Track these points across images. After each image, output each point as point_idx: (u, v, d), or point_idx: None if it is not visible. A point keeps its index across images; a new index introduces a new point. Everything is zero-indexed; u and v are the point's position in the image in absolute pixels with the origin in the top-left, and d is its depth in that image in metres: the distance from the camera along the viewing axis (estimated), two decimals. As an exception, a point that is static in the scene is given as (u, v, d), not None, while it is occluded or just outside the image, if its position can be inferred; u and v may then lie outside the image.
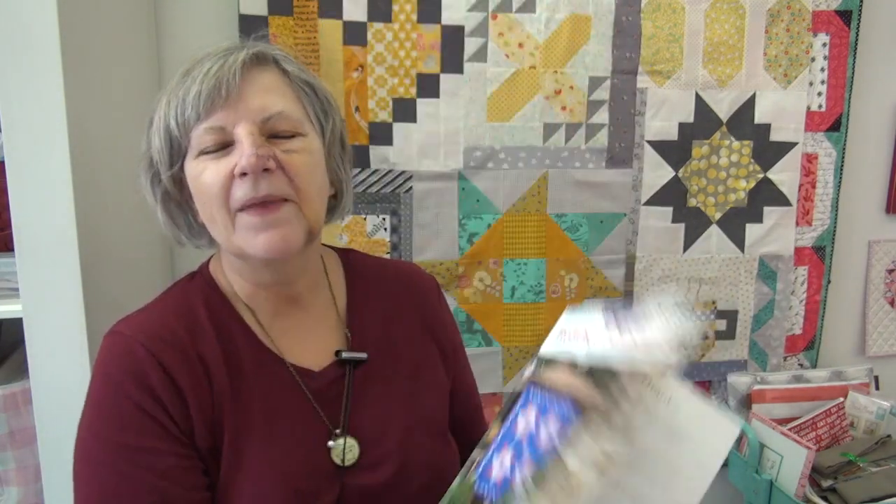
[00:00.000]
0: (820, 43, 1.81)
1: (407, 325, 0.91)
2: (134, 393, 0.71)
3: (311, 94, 0.80)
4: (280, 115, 0.74)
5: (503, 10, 1.64)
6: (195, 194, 0.76)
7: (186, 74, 0.74)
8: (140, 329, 0.75)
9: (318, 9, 1.56)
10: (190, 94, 0.72)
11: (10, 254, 1.09)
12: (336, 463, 0.78)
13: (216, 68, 0.72)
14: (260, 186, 0.71)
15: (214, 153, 0.73)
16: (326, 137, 0.81)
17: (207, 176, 0.72)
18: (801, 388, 1.82)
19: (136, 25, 1.47)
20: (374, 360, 0.85)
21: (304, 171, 0.74)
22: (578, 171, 1.74)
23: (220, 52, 0.75)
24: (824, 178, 1.88)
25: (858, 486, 1.58)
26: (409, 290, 0.95)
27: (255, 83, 0.74)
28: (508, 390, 1.81)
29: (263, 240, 0.72)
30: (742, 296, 1.88)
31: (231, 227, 0.73)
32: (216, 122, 0.72)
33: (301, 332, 0.83)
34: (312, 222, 0.76)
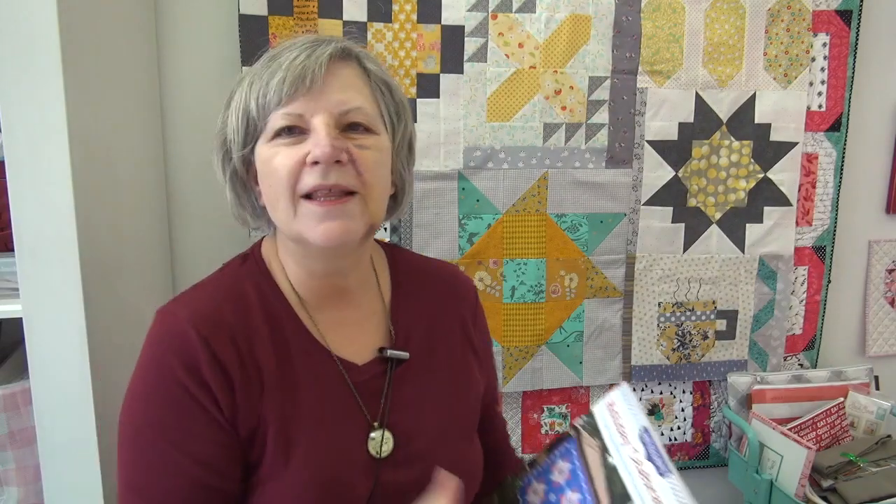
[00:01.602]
0: (820, 43, 1.81)
1: (448, 327, 0.94)
2: (182, 376, 0.72)
3: (388, 95, 0.82)
4: (358, 110, 0.76)
5: (503, 10, 1.64)
6: (263, 176, 0.77)
7: (273, 59, 0.76)
8: (192, 310, 0.76)
9: (318, 9, 1.56)
10: (274, 78, 0.74)
11: (10, 254, 1.09)
12: (372, 455, 0.80)
13: (303, 57, 0.74)
14: (330, 176, 0.73)
15: (289, 139, 0.74)
16: (397, 139, 0.83)
17: (279, 160, 0.74)
18: (801, 388, 1.82)
19: (136, 25, 1.47)
20: (414, 358, 0.87)
21: (372, 168, 0.76)
22: (578, 171, 1.74)
23: (309, 42, 0.77)
24: (824, 178, 1.88)
25: (858, 486, 1.58)
26: (451, 291, 0.97)
27: (338, 77, 0.76)
28: (508, 391, 1.81)
29: (324, 228, 0.74)
30: (742, 296, 1.88)
31: (293, 212, 0.74)
32: (295, 109, 0.74)
33: (347, 325, 0.85)
34: (374, 218, 0.79)
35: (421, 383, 0.87)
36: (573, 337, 1.81)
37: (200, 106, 1.60)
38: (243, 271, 0.84)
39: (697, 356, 1.88)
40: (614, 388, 0.83)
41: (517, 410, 1.87)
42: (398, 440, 0.82)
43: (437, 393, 0.88)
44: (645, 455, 0.78)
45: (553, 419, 1.89)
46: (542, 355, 1.80)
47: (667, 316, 1.85)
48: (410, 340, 0.88)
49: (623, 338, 1.85)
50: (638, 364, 1.86)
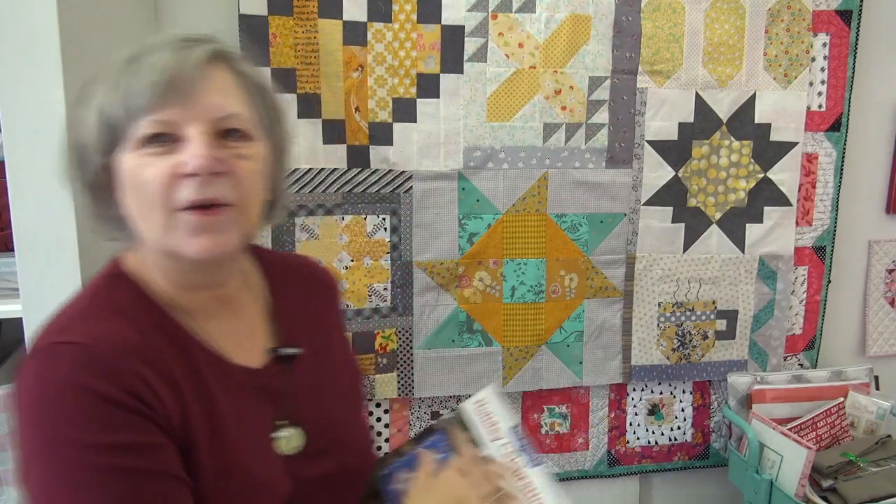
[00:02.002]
0: (820, 43, 1.81)
1: (323, 317, 0.94)
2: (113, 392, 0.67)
3: (263, 100, 0.78)
4: (235, 116, 0.72)
5: (503, 10, 1.64)
6: (129, 187, 0.71)
7: (135, 59, 0.70)
8: (93, 335, 0.70)
9: (318, 9, 1.56)
10: (140, 81, 0.68)
11: (10, 254, 1.09)
12: (284, 453, 0.79)
13: (172, 60, 0.69)
14: (207, 189, 0.69)
15: (158, 147, 0.69)
16: (274, 145, 0.80)
17: (149, 172, 0.69)
18: (801, 388, 1.82)
19: (137, 25, 1.47)
20: (304, 353, 0.86)
21: (250, 178, 0.73)
22: (578, 171, 1.74)
23: (177, 41, 0.72)
24: (824, 178, 1.88)
25: (858, 486, 1.58)
26: (319, 282, 0.98)
27: (212, 81, 0.72)
28: (509, 391, 1.81)
29: (199, 242, 0.70)
30: (742, 296, 1.88)
31: (167, 225, 0.70)
32: (166, 116, 0.69)
33: (237, 332, 0.82)
34: (249, 228, 0.76)
35: (317, 375, 0.87)
36: (573, 337, 1.81)
37: (200, 106, 1.60)
38: (118, 291, 0.77)
39: (697, 356, 1.88)
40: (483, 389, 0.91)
41: (517, 410, 1.86)
42: (309, 434, 0.82)
43: (333, 381, 0.90)
44: (516, 448, 0.88)
45: (553, 419, 1.89)
46: (542, 355, 1.80)
47: (667, 316, 1.85)
48: (297, 336, 0.88)
49: (623, 338, 1.85)
50: (638, 364, 1.86)
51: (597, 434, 1.91)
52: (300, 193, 1.63)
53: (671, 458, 1.97)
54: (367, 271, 1.69)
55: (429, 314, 1.73)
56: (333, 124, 1.62)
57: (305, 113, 1.60)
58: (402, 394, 1.75)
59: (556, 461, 1.91)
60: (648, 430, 1.94)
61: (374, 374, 1.72)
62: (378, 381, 1.73)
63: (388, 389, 1.74)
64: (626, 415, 1.93)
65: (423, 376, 1.75)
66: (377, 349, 1.72)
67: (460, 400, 1.82)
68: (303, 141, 1.61)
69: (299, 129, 1.60)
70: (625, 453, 1.95)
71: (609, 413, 1.91)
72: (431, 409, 1.82)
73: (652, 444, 1.95)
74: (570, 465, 1.91)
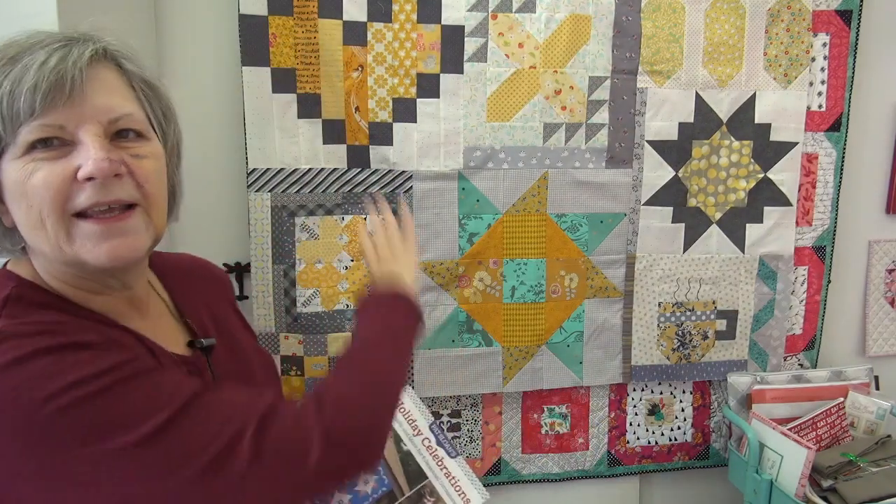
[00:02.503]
0: (820, 43, 1.81)
1: (224, 310, 0.97)
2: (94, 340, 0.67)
3: (153, 97, 0.77)
4: (129, 117, 0.71)
5: (503, 10, 1.64)
6: (16, 196, 0.67)
7: (14, 61, 0.66)
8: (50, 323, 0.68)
9: (318, 9, 1.56)
10: (22, 85, 0.64)
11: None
12: None
13: (56, 61, 0.66)
14: (107, 192, 0.67)
15: (47, 152, 0.66)
16: (169, 142, 0.79)
17: (40, 178, 0.66)
18: (801, 388, 1.82)
19: (136, 25, 1.47)
20: (217, 342, 0.89)
21: (152, 177, 0.72)
22: (578, 171, 1.74)
23: (57, 41, 0.69)
24: (824, 178, 1.88)
25: (858, 486, 1.58)
26: (212, 279, 1.01)
27: (99, 81, 0.69)
28: (508, 391, 1.81)
29: (108, 248, 0.69)
30: (742, 296, 1.88)
31: (64, 234, 0.67)
32: (55, 119, 0.66)
33: (152, 330, 0.81)
34: (159, 228, 0.75)
35: (234, 362, 0.90)
36: (573, 337, 1.81)
37: (200, 105, 1.60)
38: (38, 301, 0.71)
39: (697, 356, 1.88)
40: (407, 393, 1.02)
41: (517, 410, 1.87)
42: None
43: (250, 366, 0.93)
44: (436, 442, 0.99)
45: (553, 419, 1.89)
46: (542, 355, 1.80)
47: (667, 316, 1.85)
48: (204, 328, 0.90)
49: (623, 338, 1.85)
50: (638, 364, 1.86)
51: (597, 434, 1.91)
52: (300, 193, 1.63)
53: (671, 458, 1.97)
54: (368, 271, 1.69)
55: (429, 314, 1.73)
56: (333, 124, 1.62)
57: (305, 113, 1.60)
58: (402, 394, 1.75)
59: (556, 461, 1.91)
60: (648, 430, 1.94)
61: (374, 374, 1.72)
62: (378, 381, 1.73)
63: (388, 389, 1.74)
64: (626, 415, 1.93)
65: (423, 376, 1.75)
66: (377, 349, 1.71)
67: (460, 400, 1.82)
68: (303, 141, 1.61)
69: (299, 129, 1.60)
70: (625, 453, 1.95)
71: (609, 413, 1.91)
72: (431, 409, 1.82)
73: (652, 444, 1.95)
74: (570, 465, 1.91)
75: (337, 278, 1.68)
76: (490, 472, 1.88)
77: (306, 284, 1.66)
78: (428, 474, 0.94)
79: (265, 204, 1.62)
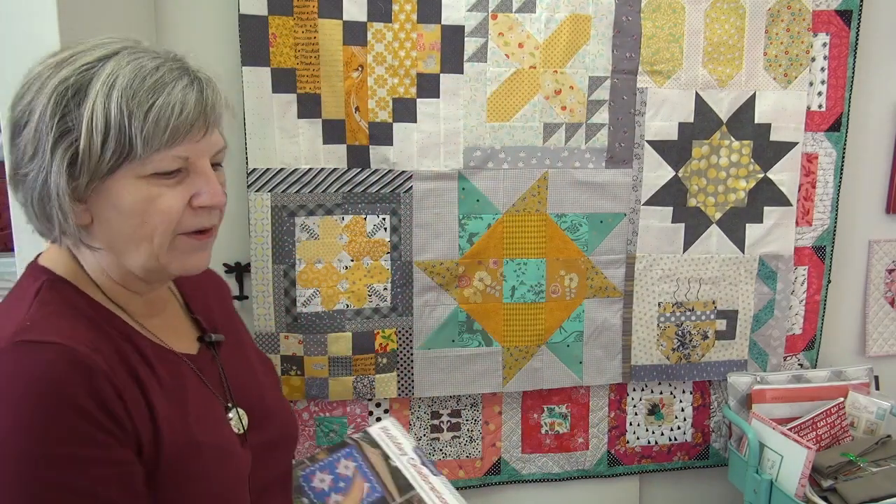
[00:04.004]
0: (820, 43, 1.81)
1: (226, 312, 1.03)
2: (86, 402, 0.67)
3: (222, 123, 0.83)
4: (223, 151, 0.81)
5: (503, 10, 1.64)
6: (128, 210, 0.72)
7: (156, 86, 0.70)
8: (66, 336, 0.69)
9: (318, 9, 1.56)
10: (171, 111, 0.71)
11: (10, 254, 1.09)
12: (237, 431, 0.87)
13: (194, 98, 0.73)
14: (213, 217, 0.79)
15: (171, 179, 0.74)
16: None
17: (165, 201, 0.74)
18: (801, 388, 1.82)
19: (137, 25, 1.47)
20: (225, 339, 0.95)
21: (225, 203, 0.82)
22: (578, 171, 1.74)
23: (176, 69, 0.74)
24: (824, 178, 1.88)
25: (858, 486, 1.58)
26: (213, 283, 1.05)
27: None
28: (508, 390, 1.81)
29: (196, 259, 0.80)
30: (742, 296, 1.88)
31: (168, 247, 0.76)
32: (185, 152, 0.74)
33: (169, 326, 0.88)
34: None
35: (238, 357, 0.96)
36: (573, 337, 1.81)
37: (200, 106, 1.60)
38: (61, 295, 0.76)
39: (697, 356, 1.88)
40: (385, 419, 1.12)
41: (517, 410, 1.87)
42: (249, 410, 0.90)
43: (251, 362, 0.99)
44: (420, 462, 1.07)
45: (553, 419, 1.89)
46: (542, 355, 1.80)
47: (667, 316, 1.85)
48: (213, 324, 0.95)
49: (623, 338, 1.85)
50: (638, 364, 1.86)
51: (597, 434, 1.91)
52: (300, 193, 1.63)
53: (671, 458, 1.97)
54: (367, 271, 1.69)
55: (429, 314, 1.73)
56: (333, 124, 1.62)
57: (305, 113, 1.60)
58: (402, 394, 1.75)
59: (556, 461, 1.91)
60: (648, 429, 1.94)
61: (374, 374, 1.72)
62: (378, 381, 1.73)
63: (388, 389, 1.74)
64: (625, 415, 1.93)
65: (423, 376, 1.75)
66: (377, 349, 1.72)
67: (460, 400, 1.82)
68: (303, 141, 1.61)
69: (299, 129, 1.60)
70: (625, 453, 1.95)
71: (609, 413, 1.91)
72: (431, 409, 1.82)
73: (652, 444, 1.95)
74: (570, 465, 1.92)
75: (337, 278, 1.68)
76: (490, 471, 1.88)
77: (306, 284, 1.66)
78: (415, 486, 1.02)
79: (265, 204, 1.62)
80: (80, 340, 0.70)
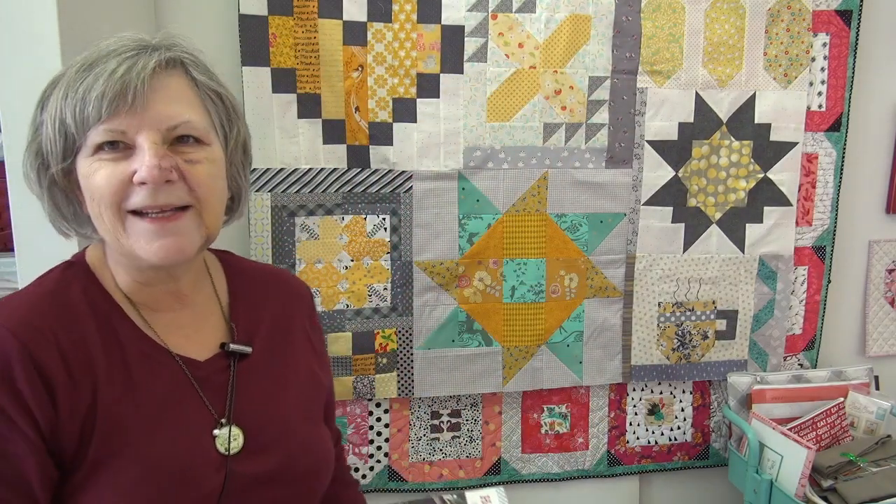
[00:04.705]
0: (820, 43, 1.81)
1: (288, 326, 0.96)
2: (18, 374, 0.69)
3: (219, 103, 0.81)
4: (186, 124, 0.75)
5: (503, 10, 1.64)
6: (85, 190, 0.75)
7: (88, 68, 0.72)
8: (8, 315, 0.72)
9: (318, 9, 1.56)
10: (92, 92, 0.71)
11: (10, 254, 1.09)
12: (220, 451, 0.79)
13: (123, 70, 0.71)
14: (159, 196, 0.73)
15: (111, 154, 0.72)
16: (230, 146, 0.83)
17: (101, 177, 0.72)
18: (801, 388, 1.82)
19: (136, 25, 1.46)
20: (258, 354, 0.88)
21: (205, 182, 0.76)
22: (578, 171, 1.74)
23: (129, 49, 0.74)
24: (824, 178, 1.88)
25: (858, 486, 1.58)
26: (289, 293, 1.00)
27: (163, 90, 0.74)
28: (508, 390, 1.81)
29: (159, 247, 0.74)
30: (742, 296, 1.88)
31: (121, 228, 0.74)
32: (117, 125, 0.71)
33: (184, 326, 0.84)
34: (211, 229, 0.79)
35: (268, 377, 0.88)
36: (573, 337, 1.81)
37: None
38: (68, 277, 0.80)
39: (697, 356, 1.88)
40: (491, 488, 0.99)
41: (517, 410, 1.87)
42: (249, 433, 0.82)
43: (285, 384, 0.90)
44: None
45: (553, 419, 1.89)
46: (542, 355, 1.80)
47: (667, 316, 1.85)
48: (254, 337, 0.89)
49: (623, 338, 1.85)
50: (638, 364, 1.86)
51: (597, 434, 1.91)
52: (300, 193, 1.63)
53: (671, 457, 1.97)
54: (367, 271, 1.69)
55: (429, 314, 1.73)
56: (333, 124, 1.62)
57: (305, 113, 1.60)
58: (402, 394, 1.75)
59: (555, 461, 1.91)
60: (648, 429, 1.94)
61: (374, 374, 1.72)
62: (378, 381, 1.73)
63: (388, 389, 1.74)
64: (625, 415, 1.93)
65: (423, 376, 1.75)
66: (377, 349, 1.72)
67: (460, 400, 1.82)
68: (303, 141, 1.61)
69: (299, 129, 1.60)
70: (625, 453, 1.95)
71: (609, 413, 1.91)
72: (431, 409, 1.82)
73: (652, 444, 1.95)
74: (570, 465, 1.92)
75: (337, 278, 1.68)
76: (490, 471, 1.88)
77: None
78: None
79: (265, 204, 1.62)
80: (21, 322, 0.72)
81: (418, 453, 1.83)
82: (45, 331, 0.73)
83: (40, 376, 0.70)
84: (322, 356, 1.01)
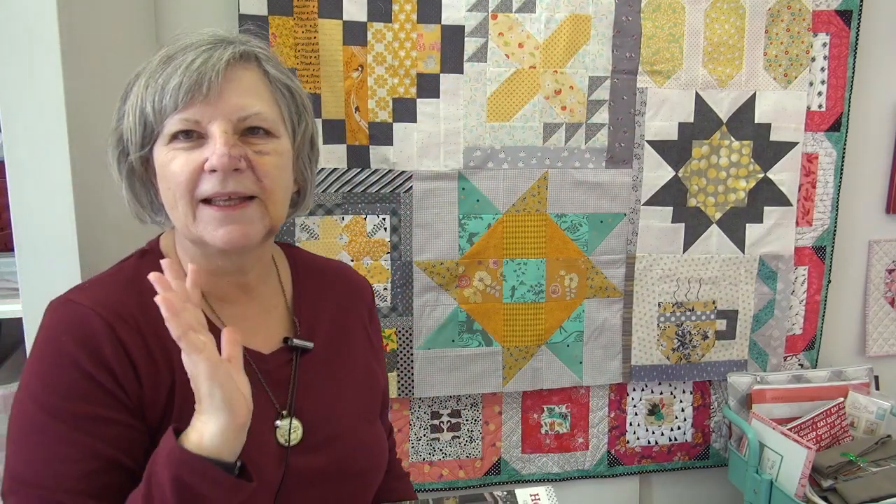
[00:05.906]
0: (820, 43, 1.81)
1: (349, 322, 0.97)
2: (86, 362, 0.72)
3: (289, 97, 0.83)
4: (257, 115, 0.77)
5: (503, 10, 1.64)
6: (161, 178, 0.78)
7: (168, 61, 0.76)
8: (94, 299, 0.76)
9: (318, 9, 1.56)
10: (170, 83, 0.74)
11: (10, 254, 1.09)
12: (281, 443, 0.81)
13: (200, 62, 0.74)
14: (228, 183, 0.75)
15: (186, 143, 0.75)
16: (297, 139, 0.84)
17: (176, 165, 0.75)
18: (801, 388, 1.82)
19: (136, 25, 1.47)
20: (319, 349, 0.90)
21: (272, 173, 0.78)
22: (578, 171, 1.74)
23: (206, 43, 0.77)
24: (824, 178, 1.88)
25: (858, 486, 1.58)
26: (350, 289, 1.01)
27: (236, 81, 0.77)
28: (508, 390, 1.81)
29: (224, 233, 0.76)
30: (742, 296, 1.88)
31: (192, 215, 0.76)
32: (192, 115, 0.74)
33: (250, 318, 0.86)
34: (275, 220, 0.81)
35: (327, 372, 0.90)
36: (573, 337, 1.81)
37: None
38: (144, 264, 0.82)
39: (697, 356, 1.88)
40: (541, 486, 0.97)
41: (517, 410, 1.87)
42: (308, 427, 0.84)
43: (343, 381, 0.91)
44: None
45: (553, 419, 1.89)
46: (542, 355, 1.80)
47: (667, 316, 1.85)
48: (315, 332, 0.91)
49: (623, 338, 1.85)
50: (638, 364, 1.86)
51: (597, 434, 1.91)
52: (300, 193, 1.63)
53: (671, 458, 1.97)
54: (367, 271, 1.69)
55: (429, 314, 1.73)
56: (333, 124, 1.62)
57: (305, 113, 1.60)
58: (402, 394, 1.75)
59: (555, 461, 1.91)
60: (648, 430, 1.94)
61: (374, 374, 1.72)
62: (378, 381, 1.73)
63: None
64: (626, 415, 1.93)
65: (423, 376, 1.75)
66: (377, 349, 1.72)
67: (460, 400, 1.82)
68: (303, 141, 1.61)
69: (299, 129, 1.60)
70: (625, 453, 1.95)
71: (609, 413, 1.91)
72: (431, 409, 1.82)
73: (652, 444, 1.95)
74: (570, 465, 1.91)
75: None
76: (490, 471, 1.88)
77: (306, 284, 1.66)
78: None
79: (265, 204, 1.62)
80: (105, 305, 0.75)
81: (418, 453, 1.83)
82: (127, 317, 0.76)
83: (126, 354, 0.74)
84: (378, 351, 1.03)
